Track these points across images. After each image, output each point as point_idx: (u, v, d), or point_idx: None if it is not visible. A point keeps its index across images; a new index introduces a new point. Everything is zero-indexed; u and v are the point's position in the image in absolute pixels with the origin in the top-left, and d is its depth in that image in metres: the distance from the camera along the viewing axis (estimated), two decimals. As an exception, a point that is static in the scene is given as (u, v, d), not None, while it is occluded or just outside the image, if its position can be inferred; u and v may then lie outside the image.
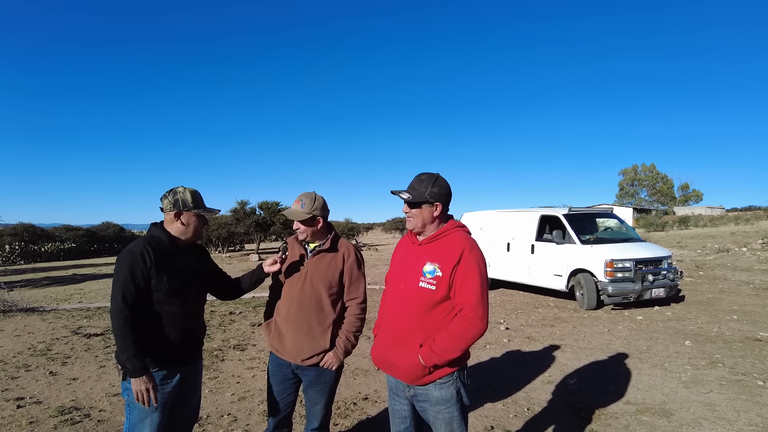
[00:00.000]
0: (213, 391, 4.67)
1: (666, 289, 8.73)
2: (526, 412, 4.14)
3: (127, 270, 2.28)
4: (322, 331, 2.67)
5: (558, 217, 9.77)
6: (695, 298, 9.69)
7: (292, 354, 2.68)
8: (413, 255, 2.24)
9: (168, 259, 2.40)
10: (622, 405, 4.25)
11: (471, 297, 2.04)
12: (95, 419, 3.98)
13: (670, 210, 56.12)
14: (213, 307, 9.47)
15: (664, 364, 5.39)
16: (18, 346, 6.45)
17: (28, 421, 3.91)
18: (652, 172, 65.84)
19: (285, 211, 2.76)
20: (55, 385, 4.83)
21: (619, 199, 64.99)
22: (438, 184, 2.19)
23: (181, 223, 2.46)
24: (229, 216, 30.04)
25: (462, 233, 2.19)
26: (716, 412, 4.08)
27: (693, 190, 65.79)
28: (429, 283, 2.11)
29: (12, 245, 32.44)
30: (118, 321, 2.23)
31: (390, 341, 2.23)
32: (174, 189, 2.48)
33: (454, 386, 2.12)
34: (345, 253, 2.75)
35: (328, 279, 2.68)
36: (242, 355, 5.97)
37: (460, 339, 2.04)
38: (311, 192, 2.74)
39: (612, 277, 8.45)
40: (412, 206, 2.20)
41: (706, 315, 8.03)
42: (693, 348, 6.05)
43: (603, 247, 8.95)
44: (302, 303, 2.67)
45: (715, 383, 4.76)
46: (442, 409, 2.12)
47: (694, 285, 11.26)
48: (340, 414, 4.09)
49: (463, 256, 2.07)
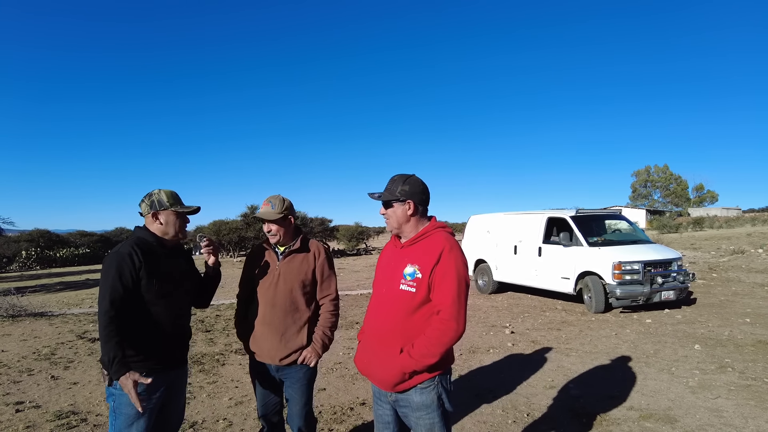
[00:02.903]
0: (211, 396, 4.65)
1: (676, 291, 8.55)
2: (526, 417, 4.05)
3: (114, 271, 2.26)
4: (298, 330, 2.74)
5: (565, 219, 9.64)
6: (707, 300, 9.48)
7: (270, 355, 2.72)
8: (396, 258, 2.20)
9: (156, 260, 2.39)
10: (625, 411, 4.14)
11: (447, 298, 1.99)
12: (91, 424, 3.98)
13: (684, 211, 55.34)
14: (219, 311, 9.51)
15: (671, 369, 5.25)
16: (23, 350, 6.52)
17: (25, 426, 3.93)
18: (666, 173, 65.00)
19: (258, 213, 2.78)
20: (55, 390, 4.85)
21: (632, 201, 64.19)
22: (409, 183, 2.16)
23: (160, 223, 2.45)
24: (239, 221, 30.31)
25: (443, 234, 2.14)
26: (723, 418, 3.95)
27: (708, 191, 64.83)
28: (409, 286, 2.06)
29: (29, 251, 33.17)
30: (104, 322, 2.21)
31: (371, 347, 2.19)
32: (150, 192, 2.48)
33: (435, 391, 2.07)
34: (315, 253, 2.83)
35: (301, 278, 2.75)
36: (243, 359, 5.95)
37: (437, 344, 1.98)
38: (278, 194, 2.82)
39: (620, 280, 8.30)
40: (387, 206, 2.20)
41: (718, 318, 7.84)
42: (702, 352, 5.90)
43: (611, 249, 8.80)
44: (276, 304, 2.72)
45: (723, 388, 4.63)
46: (423, 414, 2.07)
47: (706, 287, 11.02)
48: (336, 419, 4.04)
49: (442, 256, 2.03)
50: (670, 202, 63.32)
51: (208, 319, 8.59)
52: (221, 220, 31.76)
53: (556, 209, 10.31)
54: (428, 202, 2.21)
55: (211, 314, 9.16)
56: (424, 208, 2.20)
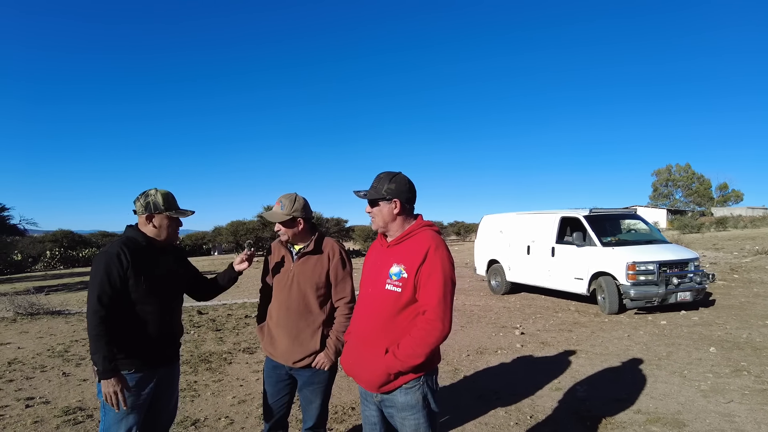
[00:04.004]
0: (215, 394, 4.68)
1: (693, 292, 8.33)
2: (529, 420, 3.98)
3: (103, 271, 2.29)
4: (312, 333, 2.68)
5: (578, 218, 9.48)
6: (726, 302, 9.21)
7: (284, 357, 2.70)
8: (382, 258, 2.17)
9: (145, 259, 2.41)
10: (631, 414, 4.04)
11: (433, 298, 1.96)
12: (96, 419, 4.04)
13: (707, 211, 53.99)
14: (230, 311, 9.60)
15: (683, 372, 5.12)
16: (39, 347, 6.67)
17: (33, 421, 4.02)
18: (687, 172, 63.58)
19: (264, 213, 2.77)
20: (65, 386, 4.95)
21: (652, 200, 62.91)
22: (395, 181, 2.13)
23: (153, 226, 2.47)
24: (256, 221, 30.66)
25: (429, 232, 2.11)
26: (735, 423, 3.83)
27: (732, 190, 63.20)
28: (395, 286, 2.04)
29: (52, 251, 34.01)
30: (94, 321, 2.24)
31: (356, 347, 2.17)
32: (146, 192, 2.49)
33: (420, 391, 2.03)
34: (330, 254, 2.74)
35: (315, 281, 2.68)
36: (250, 358, 5.99)
37: (422, 344, 1.95)
38: (292, 193, 2.74)
39: (634, 280, 8.12)
40: (373, 205, 2.17)
41: (737, 320, 7.61)
42: (717, 355, 5.73)
43: (625, 249, 8.62)
44: (290, 307, 2.69)
45: (737, 392, 4.48)
46: (408, 415, 2.04)
47: (726, 288, 10.72)
48: (336, 419, 4.03)
49: (428, 255, 2.00)
50: (693, 201, 61.86)
51: (220, 318, 8.67)
52: (238, 221, 32.16)
53: (570, 209, 10.15)
54: (414, 201, 2.18)
55: (223, 313, 9.25)
56: (411, 207, 2.17)
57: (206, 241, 40.79)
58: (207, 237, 40.85)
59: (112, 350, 2.25)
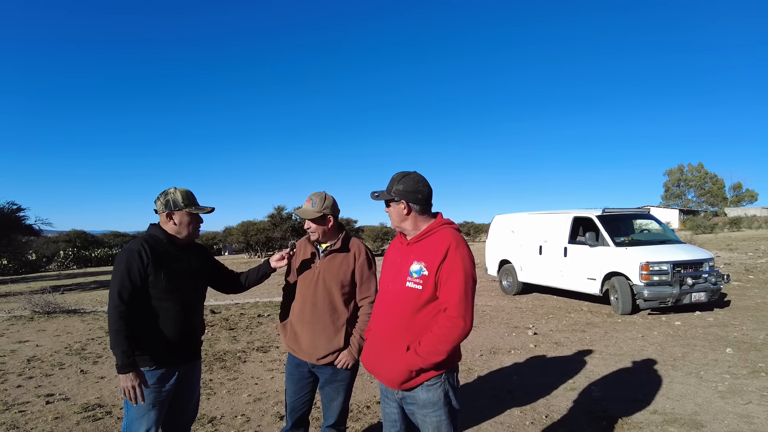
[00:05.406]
0: (230, 392, 4.73)
1: (707, 293, 8.24)
2: (544, 419, 3.98)
3: (124, 267, 2.34)
4: (336, 331, 2.71)
5: (591, 218, 9.43)
6: (742, 303, 9.11)
7: (307, 353, 2.73)
8: (402, 255, 2.19)
9: (166, 256, 2.45)
10: (648, 414, 4.02)
11: (454, 295, 1.97)
12: (115, 416, 4.11)
13: (720, 211, 53.35)
14: (243, 310, 9.67)
15: (699, 373, 5.07)
16: (56, 345, 6.78)
17: (54, 417, 4.09)
18: (700, 171, 62.88)
19: (296, 211, 2.79)
20: (84, 383, 5.03)
21: (664, 200, 62.28)
22: (403, 182, 2.15)
23: (174, 223, 2.51)
24: (266, 221, 30.83)
25: (449, 230, 2.12)
26: (753, 425, 3.79)
27: (746, 190, 62.42)
28: (416, 283, 2.05)
29: (66, 251, 34.52)
30: (114, 317, 2.28)
31: (377, 344, 2.19)
32: (165, 191, 2.54)
33: (441, 389, 2.05)
34: (356, 253, 2.78)
35: (340, 279, 2.72)
36: (264, 357, 6.04)
37: (443, 341, 1.96)
38: (321, 192, 2.78)
39: (648, 281, 8.05)
40: (387, 205, 2.22)
41: (753, 321, 7.52)
42: (734, 356, 5.67)
43: (638, 250, 8.55)
44: (316, 303, 2.72)
45: (755, 394, 4.44)
46: (430, 412, 2.05)
47: (742, 289, 10.60)
48: (352, 417, 4.05)
49: (449, 253, 2.01)
50: (706, 201, 61.16)
51: (233, 318, 8.74)
52: (249, 221, 32.34)
53: (582, 209, 10.09)
54: (426, 200, 2.18)
55: (236, 312, 9.33)
56: (423, 207, 2.17)
57: (217, 241, 41.15)
58: (218, 237, 41.21)
59: (131, 345, 2.29)
